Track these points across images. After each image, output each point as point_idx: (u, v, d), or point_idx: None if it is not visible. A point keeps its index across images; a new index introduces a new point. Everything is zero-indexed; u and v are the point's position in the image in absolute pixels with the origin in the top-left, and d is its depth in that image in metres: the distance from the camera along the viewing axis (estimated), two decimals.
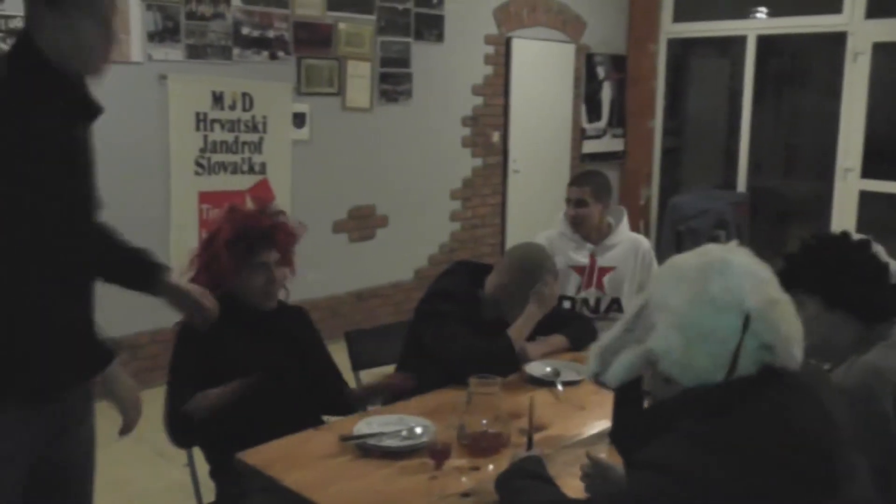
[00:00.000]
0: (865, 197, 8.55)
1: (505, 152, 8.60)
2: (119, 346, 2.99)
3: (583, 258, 4.43)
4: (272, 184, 6.66)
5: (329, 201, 7.11)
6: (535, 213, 8.51)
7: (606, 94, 9.71)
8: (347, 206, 7.31)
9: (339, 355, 3.75)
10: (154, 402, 5.77)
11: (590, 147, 9.57)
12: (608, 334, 2.09)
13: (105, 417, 5.75)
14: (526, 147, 8.74)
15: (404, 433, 2.80)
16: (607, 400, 3.03)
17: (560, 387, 3.34)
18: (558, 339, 3.85)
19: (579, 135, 9.42)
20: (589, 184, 4.44)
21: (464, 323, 3.56)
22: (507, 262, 3.73)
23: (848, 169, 8.59)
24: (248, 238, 3.27)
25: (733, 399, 1.80)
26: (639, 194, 9.97)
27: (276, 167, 6.69)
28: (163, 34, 5.96)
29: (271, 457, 2.72)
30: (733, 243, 1.97)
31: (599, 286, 4.42)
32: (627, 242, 4.51)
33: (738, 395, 1.80)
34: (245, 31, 6.40)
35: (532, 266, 3.65)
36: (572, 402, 3.25)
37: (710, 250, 1.93)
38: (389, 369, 3.88)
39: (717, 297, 1.83)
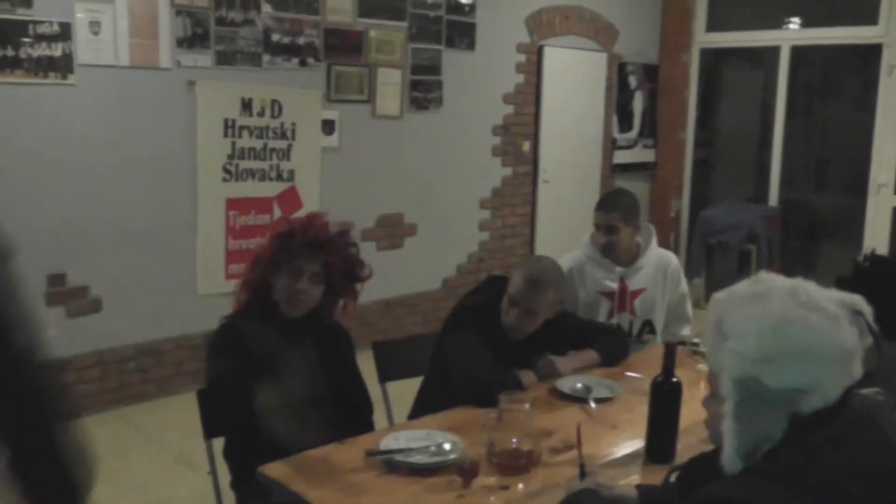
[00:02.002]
0: None
1: (535, 161, 8.53)
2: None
3: (612, 283, 4.29)
4: (300, 191, 6.61)
5: (357, 209, 7.05)
6: (565, 223, 8.45)
7: (638, 103, 9.61)
8: (376, 214, 7.26)
9: (367, 365, 3.70)
10: (179, 408, 5.80)
11: (620, 157, 9.48)
12: (730, 437, 1.85)
13: (129, 423, 5.78)
14: (556, 157, 8.67)
15: (432, 449, 2.73)
16: (639, 419, 2.98)
17: (593, 404, 3.27)
18: (590, 355, 3.77)
19: (610, 145, 9.33)
20: (618, 208, 4.27)
21: (487, 340, 3.51)
22: (513, 276, 3.63)
23: (881, 184, 8.47)
24: (295, 239, 3.30)
25: (797, 432, 1.73)
26: (669, 206, 9.87)
27: (305, 174, 6.65)
28: (192, 40, 5.93)
29: (294, 470, 2.66)
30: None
31: (631, 310, 4.32)
32: (656, 261, 4.39)
33: (802, 428, 1.73)
34: (275, 37, 6.36)
35: (534, 280, 3.53)
36: (604, 420, 3.18)
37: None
38: (417, 381, 3.84)
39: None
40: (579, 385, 3.43)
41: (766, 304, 1.82)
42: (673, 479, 2.26)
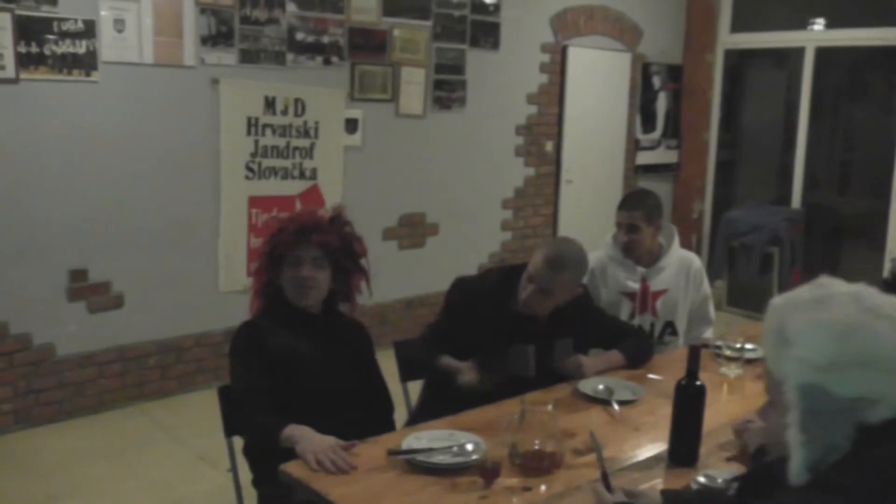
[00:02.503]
0: None
1: (558, 162, 8.51)
2: None
3: (634, 283, 4.27)
4: (322, 190, 6.61)
5: (380, 208, 7.05)
6: (588, 223, 8.40)
7: (662, 104, 9.57)
8: (398, 213, 7.26)
9: (388, 364, 3.69)
10: (199, 405, 5.81)
11: (643, 158, 9.44)
12: (796, 447, 1.79)
13: (149, 419, 5.79)
14: (579, 157, 8.64)
15: (455, 449, 2.72)
16: (661, 421, 2.97)
17: (616, 406, 3.25)
18: (615, 357, 3.75)
19: (633, 145, 9.30)
20: (641, 207, 4.25)
21: (491, 312, 3.59)
22: (536, 253, 3.59)
23: None
24: (287, 231, 3.32)
25: (864, 443, 1.69)
26: (692, 208, 9.83)
27: (327, 173, 6.65)
28: (216, 38, 5.93)
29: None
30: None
31: (653, 311, 4.29)
32: (678, 262, 4.36)
33: (869, 439, 1.69)
34: (299, 36, 6.36)
35: (553, 260, 3.50)
36: (627, 422, 3.16)
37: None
38: None
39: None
40: (601, 387, 3.41)
41: (831, 310, 1.77)
42: (732, 490, 2.22)
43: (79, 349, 5.63)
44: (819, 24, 9.09)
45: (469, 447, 2.73)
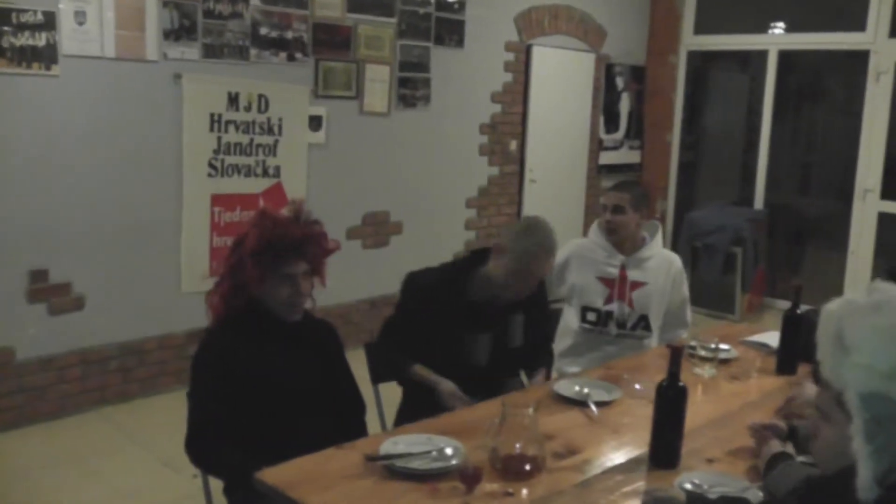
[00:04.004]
0: (884, 218, 8.43)
1: (522, 161, 8.48)
2: None
3: (613, 269, 4.30)
4: (286, 188, 6.52)
5: (344, 207, 6.98)
6: (551, 222, 8.36)
7: (625, 105, 9.59)
8: (362, 211, 7.19)
9: (354, 364, 3.60)
10: (162, 409, 5.70)
11: (606, 158, 9.44)
12: (863, 459, 1.72)
13: (111, 424, 5.67)
14: (543, 156, 8.62)
15: (434, 454, 2.65)
16: (640, 423, 2.93)
17: (594, 408, 3.20)
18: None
19: (597, 145, 9.30)
20: (628, 191, 4.34)
21: (446, 304, 3.64)
22: (515, 248, 3.59)
23: (867, 189, 8.46)
24: (275, 248, 3.10)
25: None
26: (654, 208, 9.83)
27: (291, 171, 6.56)
28: (179, 32, 5.83)
29: (293, 477, 2.56)
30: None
31: (629, 301, 4.28)
32: (659, 259, 4.38)
33: None
34: (263, 31, 6.27)
35: (549, 248, 3.64)
36: (605, 423, 3.11)
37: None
38: None
39: None
40: (577, 388, 3.37)
41: (892, 315, 1.70)
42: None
43: (39, 353, 5.49)
44: (781, 28, 9.14)
45: (448, 451, 2.67)
